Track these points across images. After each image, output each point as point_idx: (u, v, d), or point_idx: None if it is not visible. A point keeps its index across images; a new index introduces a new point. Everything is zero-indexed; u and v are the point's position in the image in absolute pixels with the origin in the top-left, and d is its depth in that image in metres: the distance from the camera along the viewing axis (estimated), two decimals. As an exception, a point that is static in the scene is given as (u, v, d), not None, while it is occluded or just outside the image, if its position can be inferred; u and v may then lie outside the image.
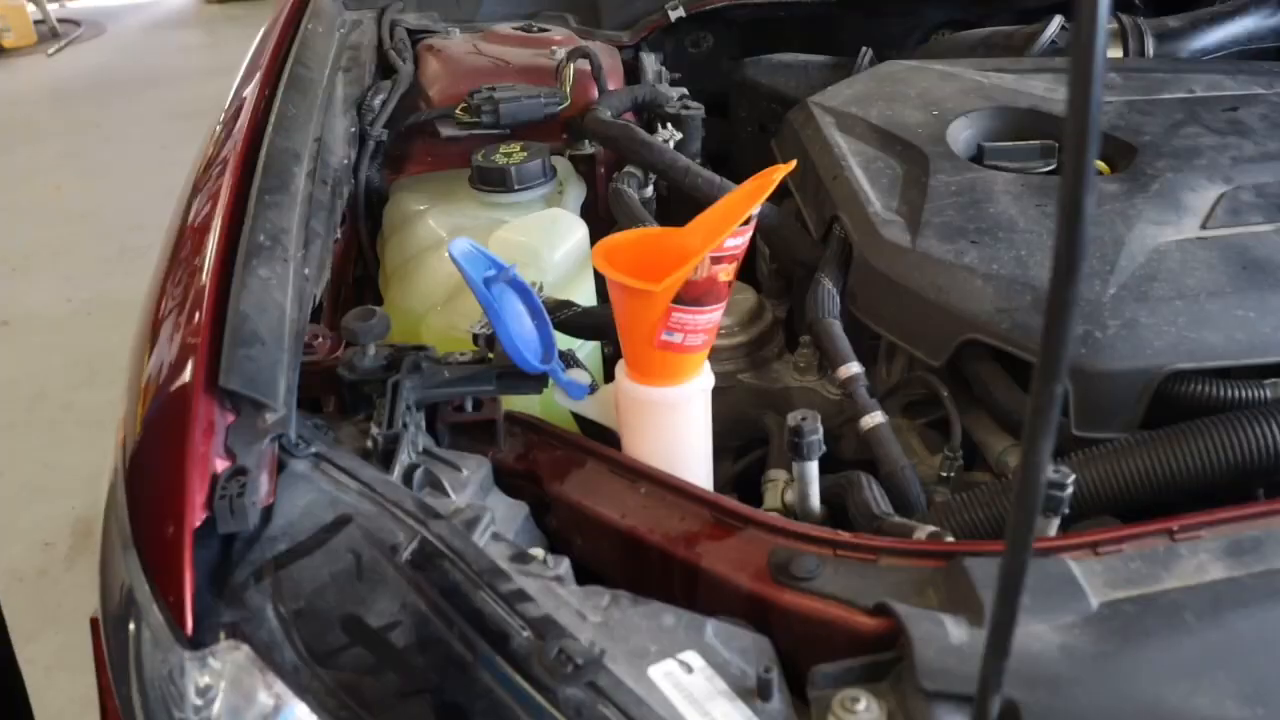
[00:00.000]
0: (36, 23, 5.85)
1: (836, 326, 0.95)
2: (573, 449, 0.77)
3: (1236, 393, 0.80)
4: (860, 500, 0.78)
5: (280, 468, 0.68)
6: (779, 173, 0.73)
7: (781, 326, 1.09)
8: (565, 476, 0.75)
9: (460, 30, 1.48)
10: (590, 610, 0.59)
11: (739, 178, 1.09)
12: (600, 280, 1.08)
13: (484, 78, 1.28)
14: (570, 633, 0.57)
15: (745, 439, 1.01)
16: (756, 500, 0.85)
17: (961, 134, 1.11)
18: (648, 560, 0.70)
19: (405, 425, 0.72)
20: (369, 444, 0.71)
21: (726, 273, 0.71)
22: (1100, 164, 1.06)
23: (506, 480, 0.74)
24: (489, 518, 0.65)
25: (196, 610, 0.59)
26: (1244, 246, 0.88)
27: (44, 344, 2.87)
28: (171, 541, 0.62)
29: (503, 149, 1.16)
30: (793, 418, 0.74)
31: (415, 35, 1.45)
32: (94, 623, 0.80)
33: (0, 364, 2.79)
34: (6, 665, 1.21)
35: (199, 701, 0.58)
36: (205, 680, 0.58)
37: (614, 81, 1.32)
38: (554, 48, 1.36)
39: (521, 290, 0.78)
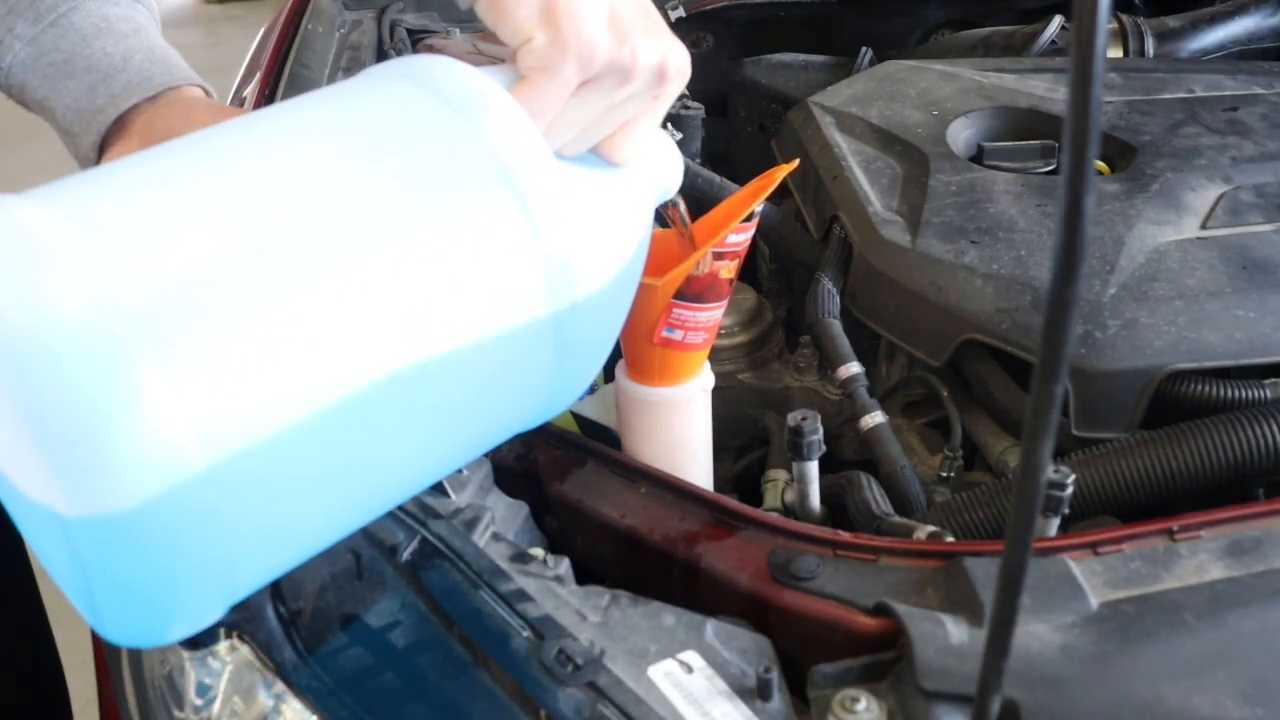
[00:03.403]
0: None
1: (836, 326, 0.95)
2: (573, 449, 0.77)
3: (1236, 393, 0.80)
4: (860, 500, 0.78)
5: (280, 468, 0.67)
6: (782, 172, 0.73)
7: (781, 326, 1.09)
8: (565, 476, 0.75)
9: (460, 30, 1.47)
10: (590, 610, 0.59)
11: (739, 178, 1.10)
12: (600, 280, 1.08)
13: (484, 78, 1.28)
14: (570, 633, 0.57)
15: (745, 439, 1.01)
16: (756, 500, 0.85)
17: (961, 134, 1.11)
18: (647, 560, 0.70)
19: (405, 425, 0.72)
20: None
21: (728, 270, 0.71)
22: (1100, 164, 1.06)
23: (506, 480, 0.74)
24: (489, 518, 0.65)
25: (196, 610, 0.59)
26: (1244, 246, 0.88)
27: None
28: (171, 541, 0.62)
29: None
30: (793, 418, 0.74)
31: (415, 35, 1.45)
32: (94, 622, 0.80)
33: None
34: (45, 650, 1.23)
35: (199, 701, 0.58)
36: (205, 680, 0.58)
37: (614, 81, 1.32)
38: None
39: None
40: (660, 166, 0.65)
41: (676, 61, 0.57)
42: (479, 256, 0.52)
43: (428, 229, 0.51)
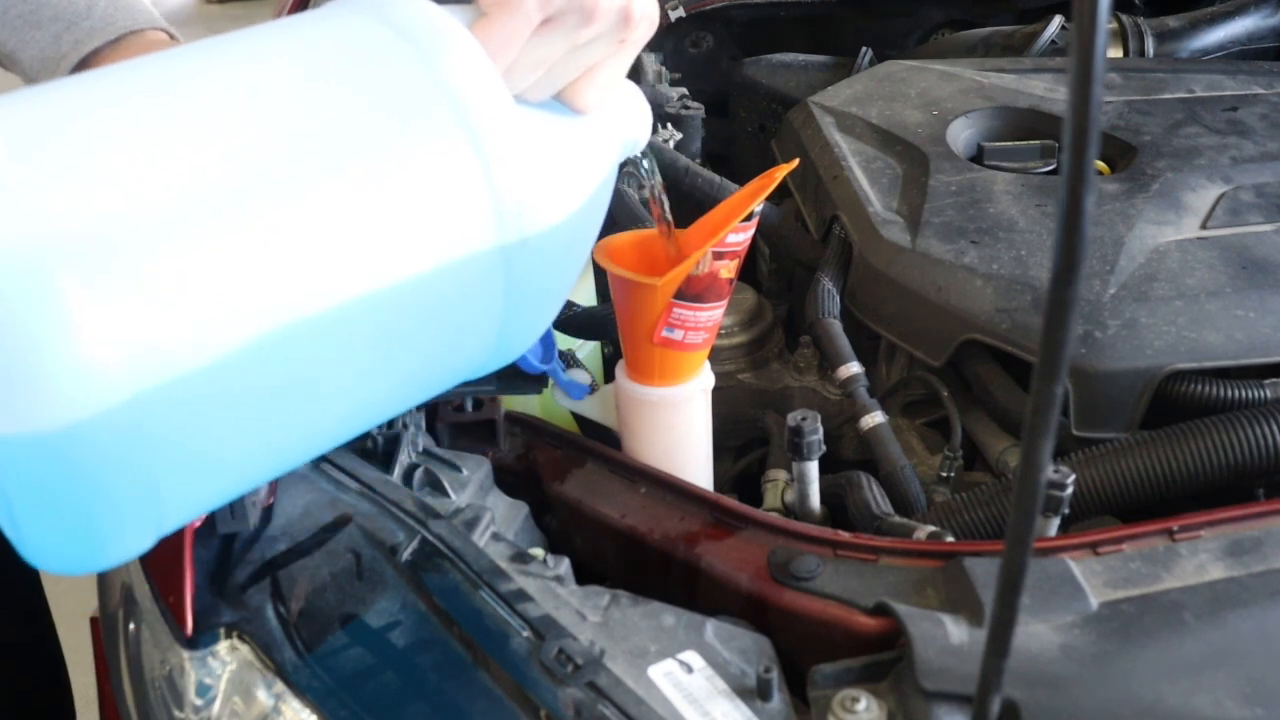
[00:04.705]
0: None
1: (836, 326, 0.95)
2: (573, 449, 0.77)
3: (1236, 393, 0.80)
4: (860, 500, 0.78)
5: (280, 468, 0.68)
6: (782, 171, 0.73)
7: (781, 326, 1.09)
8: (565, 476, 0.75)
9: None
10: (590, 610, 0.59)
11: (739, 178, 1.09)
12: (601, 280, 1.08)
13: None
14: (570, 633, 0.57)
15: (745, 439, 1.01)
16: (756, 500, 0.85)
17: (961, 134, 1.11)
18: (647, 560, 0.70)
19: (405, 425, 0.72)
20: (368, 444, 0.71)
21: (728, 269, 0.71)
22: (1100, 164, 1.06)
23: (506, 480, 0.74)
24: (489, 518, 0.65)
25: (196, 610, 0.59)
26: (1244, 246, 0.88)
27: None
28: (171, 541, 0.62)
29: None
30: (793, 418, 0.74)
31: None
32: (94, 622, 0.80)
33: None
34: (48, 646, 1.23)
35: (199, 701, 0.58)
36: (205, 680, 0.58)
37: (614, 81, 1.32)
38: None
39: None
40: (628, 117, 0.65)
41: (641, 6, 0.57)
42: (426, 189, 0.51)
43: (373, 161, 0.50)
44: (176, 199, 0.45)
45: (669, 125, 1.26)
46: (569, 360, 0.82)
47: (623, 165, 1.21)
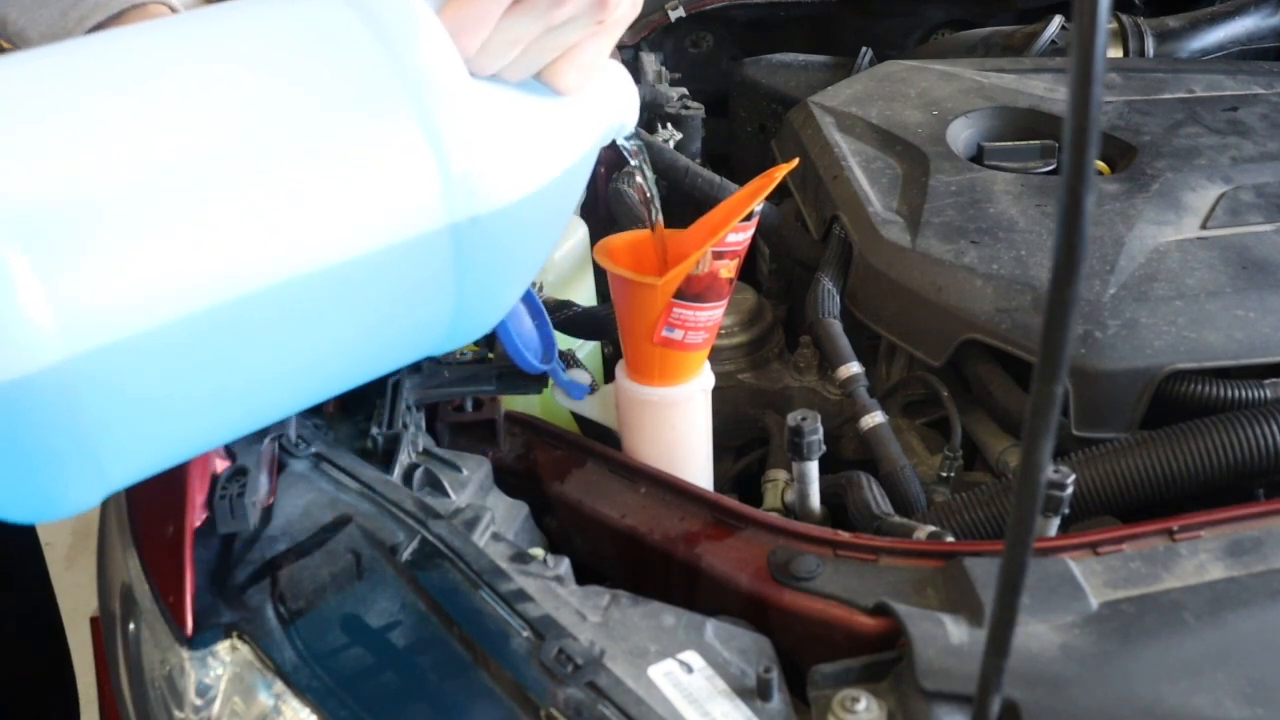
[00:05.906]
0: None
1: (836, 326, 0.95)
2: (573, 449, 0.77)
3: (1236, 393, 0.80)
4: (860, 500, 0.78)
5: (280, 467, 0.68)
6: (781, 171, 0.73)
7: (781, 326, 1.09)
8: (565, 476, 0.75)
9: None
10: (590, 610, 0.59)
11: (739, 178, 1.10)
12: (600, 280, 1.08)
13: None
14: (570, 633, 0.57)
15: (745, 439, 1.01)
16: (756, 500, 0.85)
17: (961, 134, 1.11)
18: (648, 560, 0.70)
19: (405, 425, 0.72)
20: (368, 444, 0.71)
21: (728, 269, 0.71)
22: (1100, 164, 1.06)
23: (506, 480, 0.74)
24: (489, 518, 0.65)
25: (196, 610, 0.59)
26: (1244, 246, 0.88)
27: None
28: (171, 541, 0.62)
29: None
30: (792, 418, 0.74)
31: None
32: (94, 622, 0.80)
33: None
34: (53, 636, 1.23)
35: (199, 701, 0.58)
36: (205, 680, 0.59)
37: (614, 81, 1.32)
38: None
39: (521, 290, 0.78)
40: (614, 101, 0.65)
41: None
42: (372, 168, 0.51)
43: (320, 139, 0.50)
44: (122, 173, 0.46)
45: (669, 125, 1.26)
46: (569, 360, 0.82)
47: (623, 165, 1.21)
